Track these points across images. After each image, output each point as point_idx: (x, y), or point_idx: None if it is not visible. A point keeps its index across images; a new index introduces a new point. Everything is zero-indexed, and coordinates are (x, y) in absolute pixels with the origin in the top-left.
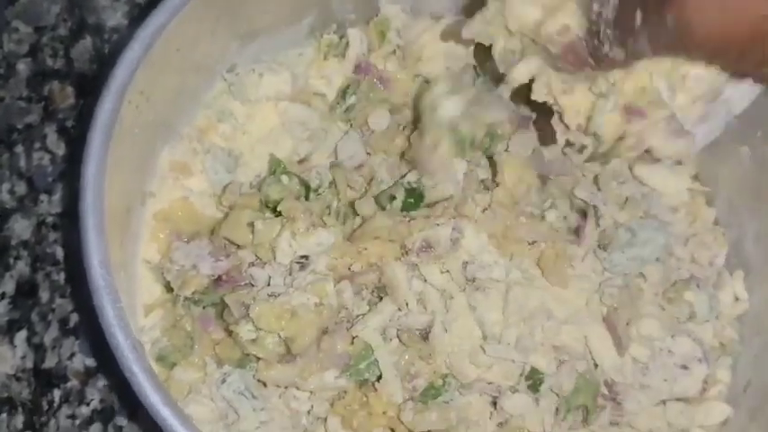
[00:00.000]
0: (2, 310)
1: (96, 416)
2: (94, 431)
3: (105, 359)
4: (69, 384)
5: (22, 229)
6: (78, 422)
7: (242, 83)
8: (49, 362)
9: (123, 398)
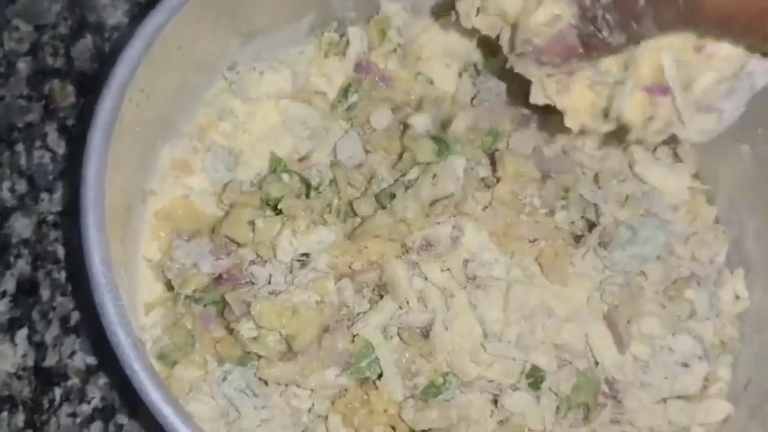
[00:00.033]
0: (2, 308)
1: (97, 414)
2: (95, 429)
3: (106, 357)
4: (70, 382)
5: (22, 227)
6: (79, 420)
7: (243, 81)
8: (50, 360)
9: (124, 396)
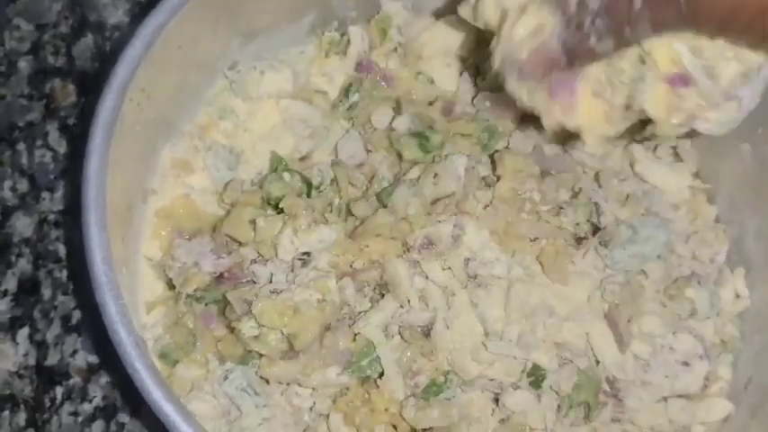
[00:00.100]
0: (4, 307)
1: (99, 413)
2: (97, 428)
3: (108, 356)
4: (72, 381)
5: (23, 226)
6: (81, 419)
7: (243, 80)
8: (52, 359)
9: (126, 395)
